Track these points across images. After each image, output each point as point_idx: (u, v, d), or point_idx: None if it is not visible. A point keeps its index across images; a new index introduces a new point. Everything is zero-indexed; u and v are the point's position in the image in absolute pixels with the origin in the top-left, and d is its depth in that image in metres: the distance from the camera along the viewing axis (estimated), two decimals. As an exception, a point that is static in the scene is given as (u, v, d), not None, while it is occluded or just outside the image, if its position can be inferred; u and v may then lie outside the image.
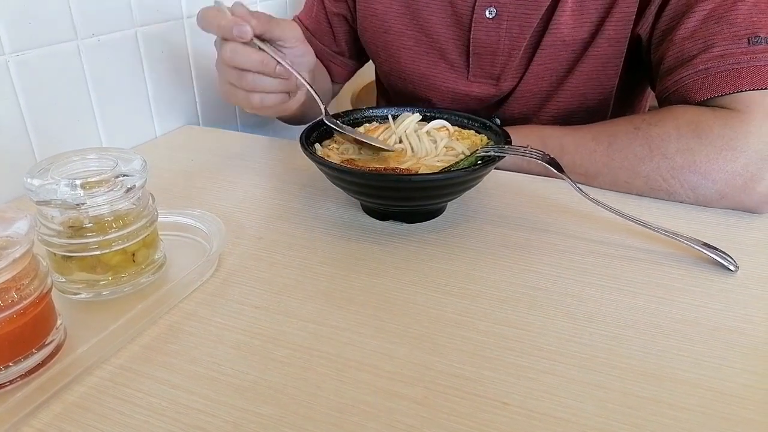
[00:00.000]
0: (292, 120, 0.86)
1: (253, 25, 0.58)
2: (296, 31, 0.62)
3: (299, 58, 0.63)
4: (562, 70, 0.73)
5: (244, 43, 0.59)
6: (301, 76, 0.60)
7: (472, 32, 0.74)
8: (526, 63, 0.74)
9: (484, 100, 0.78)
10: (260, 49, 0.59)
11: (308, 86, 0.61)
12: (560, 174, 0.53)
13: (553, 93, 0.74)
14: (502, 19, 0.72)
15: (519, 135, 0.64)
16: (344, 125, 0.61)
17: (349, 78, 0.96)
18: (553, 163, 0.54)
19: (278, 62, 0.59)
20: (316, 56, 0.88)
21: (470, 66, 0.76)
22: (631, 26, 0.68)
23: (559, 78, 0.73)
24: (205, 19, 0.59)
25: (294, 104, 0.66)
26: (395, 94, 0.88)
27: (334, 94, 0.97)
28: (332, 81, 0.92)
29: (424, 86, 0.80)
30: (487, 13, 0.72)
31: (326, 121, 0.60)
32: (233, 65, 0.60)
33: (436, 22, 0.76)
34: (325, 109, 0.61)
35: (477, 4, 0.72)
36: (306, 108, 0.73)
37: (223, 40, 0.60)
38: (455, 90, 0.79)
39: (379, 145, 0.58)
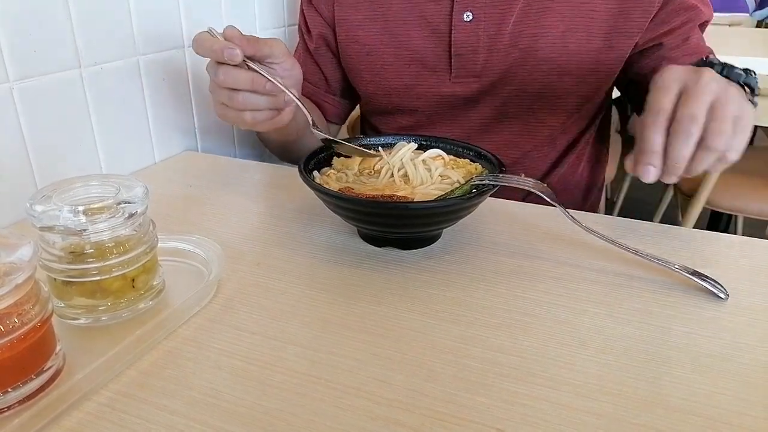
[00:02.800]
0: (288, 146, 0.88)
1: (242, 47, 0.61)
2: (282, 47, 0.66)
3: (288, 72, 0.67)
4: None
5: (235, 65, 0.62)
6: (289, 91, 0.64)
7: (452, 35, 0.79)
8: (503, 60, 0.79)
9: (468, 97, 0.82)
10: (250, 68, 0.62)
11: (295, 99, 0.65)
12: (552, 203, 0.54)
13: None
14: (480, 21, 0.77)
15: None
16: (334, 138, 0.65)
17: (344, 119, 0.98)
18: (546, 191, 0.55)
19: (268, 79, 0.62)
20: (309, 98, 0.91)
21: (452, 67, 0.81)
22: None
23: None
24: (198, 44, 0.63)
25: (286, 117, 0.68)
26: (381, 114, 0.91)
27: (335, 135, 0.98)
28: (327, 120, 0.94)
29: (410, 96, 0.85)
30: (464, 16, 0.78)
31: (313, 131, 0.65)
32: (225, 86, 0.63)
33: (414, 36, 0.82)
34: (313, 120, 0.66)
35: (454, 9, 0.78)
36: (300, 130, 0.78)
37: (217, 63, 0.63)
38: (439, 93, 0.83)
39: (364, 151, 0.63)
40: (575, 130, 0.85)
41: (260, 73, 0.62)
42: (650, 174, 0.52)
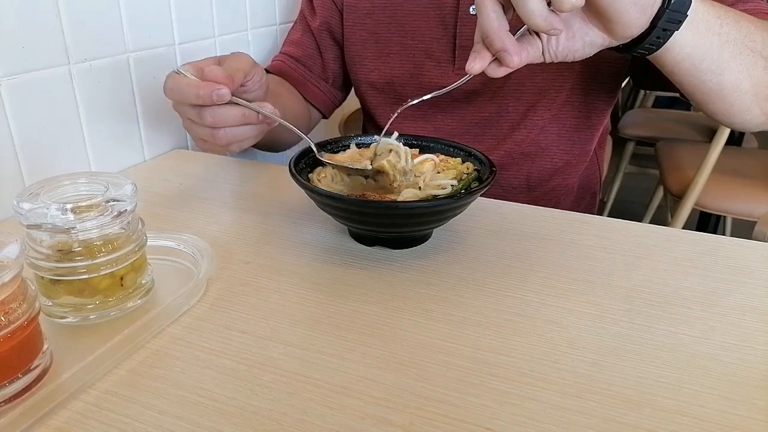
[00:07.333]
0: (264, 148, 0.88)
1: (227, 85, 0.57)
2: (249, 61, 0.63)
3: (258, 83, 0.64)
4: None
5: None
6: (281, 119, 0.62)
7: (458, 28, 0.81)
8: None
9: (470, 90, 0.83)
10: (234, 102, 0.59)
11: (293, 127, 0.62)
12: None
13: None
14: None
15: None
16: (327, 154, 0.62)
17: (330, 110, 0.97)
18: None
19: (257, 111, 0.60)
20: (301, 81, 0.91)
21: (456, 59, 0.82)
22: None
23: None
24: (176, 90, 0.59)
25: (259, 136, 0.66)
26: (381, 106, 0.91)
27: (314, 123, 0.97)
28: (311, 105, 0.93)
29: (412, 86, 0.86)
30: (470, 10, 0.80)
31: (318, 156, 0.61)
32: (215, 126, 0.60)
33: (421, 26, 0.83)
34: (313, 146, 0.62)
35: (461, 2, 0.80)
36: (274, 136, 0.76)
37: (194, 104, 0.59)
38: (441, 84, 0.82)
39: (356, 167, 0.60)
40: (576, 131, 0.85)
41: (251, 108, 0.60)
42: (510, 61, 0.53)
